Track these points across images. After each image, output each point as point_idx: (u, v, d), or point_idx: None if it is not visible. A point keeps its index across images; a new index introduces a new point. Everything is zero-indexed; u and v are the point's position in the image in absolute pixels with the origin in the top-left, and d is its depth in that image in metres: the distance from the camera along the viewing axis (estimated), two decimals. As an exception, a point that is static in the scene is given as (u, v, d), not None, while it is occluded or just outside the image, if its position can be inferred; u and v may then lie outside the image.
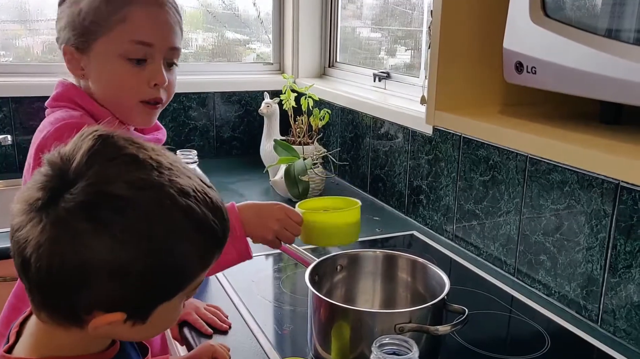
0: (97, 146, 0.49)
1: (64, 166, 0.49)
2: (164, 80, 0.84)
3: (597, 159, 0.66)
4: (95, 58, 0.82)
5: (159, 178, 0.50)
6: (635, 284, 0.90)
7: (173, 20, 0.85)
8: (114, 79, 0.83)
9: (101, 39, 0.81)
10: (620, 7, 0.65)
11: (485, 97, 0.88)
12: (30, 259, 0.48)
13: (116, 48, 0.81)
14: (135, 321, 0.52)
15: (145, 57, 0.82)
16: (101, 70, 0.83)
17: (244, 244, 0.84)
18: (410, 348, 0.62)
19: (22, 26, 1.84)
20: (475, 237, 1.23)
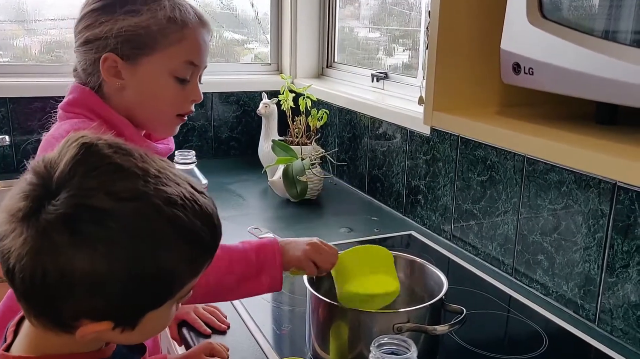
0: (80, 154, 0.49)
1: (48, 174, 0.49)
2: (201, 98, 0.89)
3: (594, 159, 0.67)
4: (143, 72, 0.82)
5: (143, 188, 0.49)
6: (632, 283, 0.90)
7: (209, 40, 0.89)
8: (161, 94, 0.84)
9: (154, 55, 0.82)
10: (617, 9, 0.65)
11: (483, 98, 0.88)
12: (14, 269, 0.48)
13: (167, 66, 0.83)
14: (123, 328, 0.52)
15: (189, 77, 0.85)
16: (147, 84, 0.83)
17: (278, 274, 0.81)
18: (409, 348, 0.62)
19: (20, 26, 1.84)
20: (473, 237, 1.23)
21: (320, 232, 1.37)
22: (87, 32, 0.82)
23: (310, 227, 1.42)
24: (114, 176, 0.49)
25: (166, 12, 0.81)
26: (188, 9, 0.84)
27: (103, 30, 0.81)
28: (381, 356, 0.62)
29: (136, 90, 0.83)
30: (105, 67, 0.81)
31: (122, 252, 0.48)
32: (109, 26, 0.80)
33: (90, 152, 0.49)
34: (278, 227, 1.37)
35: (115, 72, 0.82)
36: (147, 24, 0.80)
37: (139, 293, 0.50)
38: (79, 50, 0.84)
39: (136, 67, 0.82)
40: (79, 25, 0.84)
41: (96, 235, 0.47)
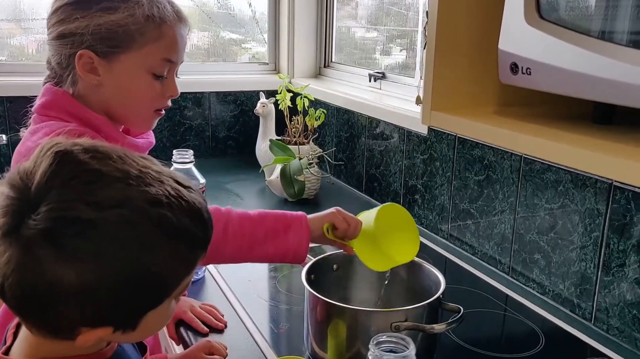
0: (55, 164, 0.47)
1: (25, 186, 0.47)
2: (178, 93, 0.89)
3: (590, 159, 0.67)
4: (120, 69, 0.82)
5: (126, 192, 0.48)
6: (628, 282, 0.91)
7: (186, 36, 0.88)
8: (137, 91, 0.84)
9: (132, 52, 0.81)
10: (614, 10, 0.66)
11: (480, 98, 0.89)
12: (4, 286, 0.48)
13: (146, 63, 0.82)
14: (124, 330, 0.51)
15: (166, 73, 0.85)
16: (124, 81, 0.83)
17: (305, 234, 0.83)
18: (407, 346, 0.63)
19: (17, 25, 1.83)
20: (470, 237, 1.24)
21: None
22: (61, 27, 0.81)
23: (308, 226, 1.42)
24: (93, 184, 0.47)
25: (144, 10, 0.80)
26: (166, 5, 0.83)
27: (78, 26, 0.80)
28: (380, 354, 0.62)
29: (113, 87, 0.83)
30: (80, 63, 0.80)
31: (109, 261, 0.47)
32: (85, 22, 0.79)
33: (65, 161, 0.48)
34: (276, 227, 1.37)
35: (91, 69, 0.81)
36: (124, 21, 0.79)
37: (133, 298, 0.49)
38: (53, 44, 0.83)
39: (113, 64, 0.81)
40: (52, 18, 0.83)
41: (80, 248, 0.46)
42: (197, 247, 0.53)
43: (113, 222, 0.47)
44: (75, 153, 0.48)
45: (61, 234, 0.46)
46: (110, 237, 0.47)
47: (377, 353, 0.62)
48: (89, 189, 0.47)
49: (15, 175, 0.48)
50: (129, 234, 0.47)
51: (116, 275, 0.47)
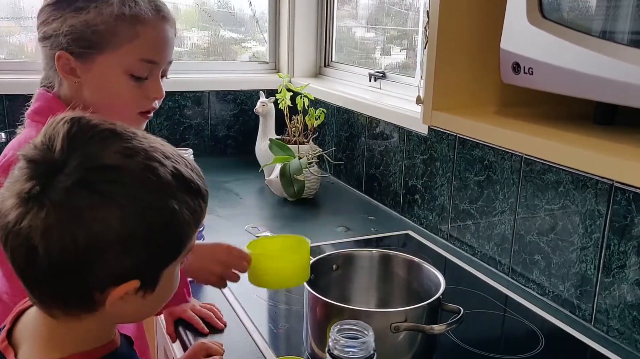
0: (74, 128, 0.51)
1: (47, 154, 0.50)
2: (163, 95, 0.86)
3: (591, 159, 0.67)
4: (97, 71, 0.80)
5: (141, 145, 0.52)
6: (628, 284, 0.90)
7: (172, 34, 0.85)
8: (116, 93, 0.82)
9: (107, 53, 0.79)
10: (615, 9, 0.66)
11: (481, 98, 0.88)
12: (38, 248, 0.48)
13: (122, 64, 0.80)
14: (146, 290, 0.53)
15: (148, 74, 0.83)
16: (102, 83, 0.81)
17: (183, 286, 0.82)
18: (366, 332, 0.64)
19: (16, 23, 1.83)
20: (470, 237, 1.23)
21: (317, 232, 1.37)
22: (44, 28, 0.80)
23: (307, 226, 1.41)
24: (111, 139, 0.51)
25: (113, 9, 0.78)
26: (142, 4, 0.80)
27: (55, 28, 0.79)
28: (343, 341, 0.64)
29: (93, 88, 0.82)
30: (60, 65, 0.80)
31: (142, 204, 0.50)
32: (59, 23, 0.78)
33: (81, 125, 0.51)
34: (275, 226, 1.37)
35: (70, 70, 0.80)
36: (94, 22, 0.78)
37: (159, 244, 0.52)
38: (39, 45, 0.82)
39: (89, 66, 0.80)
40: (38, 18, 0.82)
41: (115, 191, 0.49)
42: (202, 200, 0.55)
43: (138, 168, 0.50)
44: (88, 118, 0.52)
45: (95, 181, 0.49)
46: (139, 182, 0.50)
47: (341, 341, 0.64)
48: (111, 143, 0.51)
49: (30, 149, 0.51)
50: (153, 179, 0.51)
51: (149, 218, 0.50)
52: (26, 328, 0.57)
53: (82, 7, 0.78)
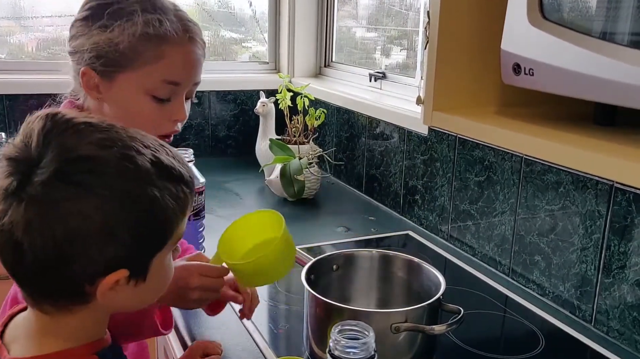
0: (47, 124, 0.51)
1: (23, 150, 0.50)
2: (185, 117, 0.83)
3: (591, 159, 0.67)
4: (117, 89, 0.79)
5: (118, 136, 0.52)
6: (628, 284, 0.90)
7: (201, 55, 0.82)
8: (136, 112, 0.79)
9: (128, 72, 0.77)
10: (615, 10, 0.66)
11: (482, 98, 0.88)
12: (23, 243, 0.48)
13: (144, 84, 0.78)
14: (137, 279, 0.53)
15: (170, 96, 0.80)
16: (122, 101, 0.80)
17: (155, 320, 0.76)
18: (367, 333, 0.64)
19: (16, 23, 1.83)
20: (470, 238, 1.23)
21: (317, 232, 1.37)
22: (72, 42, 0.80)
23: (307, 226, 1.41)
24: (86, 131, 0.51)
25: (137, 29, 0.76)
26: (168, 23, 0.77)
27: (81, 44, 0.78)
28: (344, 341, 0.64)
29: (114, 106, 0.80)
30: (83, 80, 0.79)
31: (120, 194, 0.50)
32: (84, 40, 0.77)
33: (56, 120, 0.52)
34: (275, 227, 1.37)
35: (93, 87, 0.79)
36: (117, 41, 0.76)
37: (143, 232, 0.52)
38: (69, 58, 0.82)
39: (112, 83, 0.78)
40: (69, 32, 0.81)
41: (91, 182, 0.49)
42: (186, 187, 0.56)
43: (115, 158, 0.51)
44: (62, 113, 0.52)
45: (71, 172, 0.49)
46: (115, 171, 0.50)
47: (342, 342, 0.64)
48: (85, 134, 0.51)
49: (9, 148, 0.51)
50: (131, 168, 0.51)
51: (128, 207, 0.50)
52: (17, 327, 0.57)
53: (107, 25, 0.76)
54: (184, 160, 0.57)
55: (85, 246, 0.49)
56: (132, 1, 0.77)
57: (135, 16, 0.76)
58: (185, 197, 0.55)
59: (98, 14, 0.77)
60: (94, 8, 0.78)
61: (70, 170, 0.49)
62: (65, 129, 0.51)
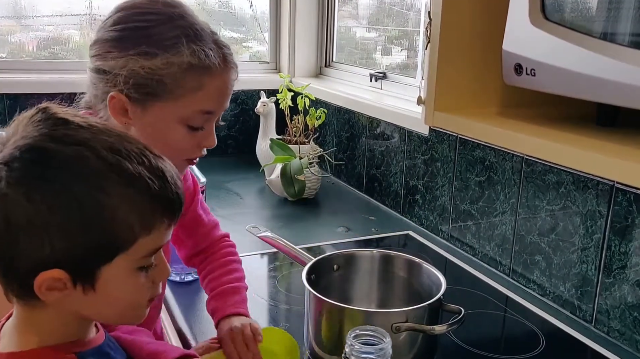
0: (32, 114, 0.51)
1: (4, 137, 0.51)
2: (214, 144, 0.80)
3: (592, 160, 0.67)
4: (150, 117, 0.74)
5: (86, 135, 0.51)
6: (629, 284, 0.91)
7: (234, 81, 0.80)
8: (168, 140, 0.76)
9: (164, 102, 0.73)
10: (616, 11, 0.66)
11: (483, 99, 0.88)
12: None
13: (179, 114, 0.75)
14: (83, 285, 0.51)
15: (204, 124, 0.77)
16: (153, 129, 0.75)
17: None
18: (384, 339, 0.64)
19: (17, 22, 1.83)
20: (471, 238, 1.23)
21: (317, 232, 1.37)
22: (99, 62, 0.74)
23: (308, 226, 1.41)
24: (57, 126, 0.50)
25: (183, 59, 0.72)
26: (211, 53, 0.74)
27: (114, 66, 0.72)
28: (358, 346, 0.63)
29: (142, 132, 0.75)
30: (112, 104, 0.74)
31: (61, 192, 0.48)
32: (120, 63, 0.72)
33: (41, 111, 0.51)
34: (276, 226, 1.37)
35: (121, 111, 0.74)
36: (161, 70, 0.71)
37: (83, 238, 0.49)
38: (92, 75, 0.76)
39: (144, 111, 0.74)
40: (92, 48, 0.76)
41: (34, 174, 0.48)
42: (154, 203, 0.52)
43: (67, 155, 0.49)
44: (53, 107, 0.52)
45: (18, 159, 0.48)
46: (65, 169, 0.49)
47: (356, 347, 0.63)
48: (53, 128, 0.50)
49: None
50: (83, 169, 0.49)
51: (66, 206, 0.48)
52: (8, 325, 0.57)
53: (149, 53, 0.71)
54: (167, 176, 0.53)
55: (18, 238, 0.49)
56: (172, 25, 0.73)
57: (180, 46, 0.72)
58: (151, 215, 0.52)
59: (134, 37, 0.72)
60: (129, 30, 0.73)
61: (18, 157, 0.48)
62: (40, 119, 0.50)
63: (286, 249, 1.00)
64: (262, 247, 1.14)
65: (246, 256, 1.15)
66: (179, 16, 0.75)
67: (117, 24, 0.74)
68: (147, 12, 0.74)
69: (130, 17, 0.74)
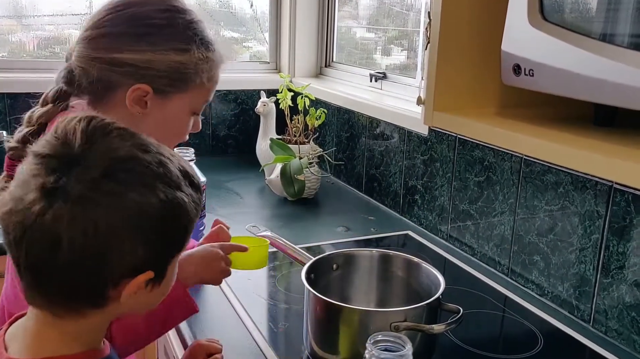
0: (90, 126, 0.53)
1: (64, 148, 0.52)
2: (200, 129, 0.90)
3: (591, 160, 0.67)
4: (170, 106, 0.81)
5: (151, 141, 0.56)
6: (627, 284, 0.91)
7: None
8: (177, 128, 0.85)
9: (185, 93, 0.81)
10: (615, 12, 0.66)
11: (482, 99, 0.89)
12: (62, 240, 0.49)
13: (193, 104, 0.83)
14: (155, 282, 0.55)
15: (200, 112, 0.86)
16: (169, 119, 0.82)
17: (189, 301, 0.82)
18: (404, 345, 0.63)
19: (17, 22, 1.83)
20: (470, 238, 1.24)
21: (317, 231, 1.37)
22: (119, 54, 0.77)
23: (307, 226, 1.42)
24: (126, 136, 0.55)
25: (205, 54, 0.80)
26: (218, 44, 0.83)
27: (143, 60, 0.77)
28: (377, 352, 0.62)
29: (155, 121, 0.81)
30: (133, 96, 0.78)
31: (156, 195, 0.53)
32: (152, 57, 0.77)
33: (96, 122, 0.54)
34: (275, 226, 1.37)
35: (140, 102, 0.79)
36: (188, 65, 0.79)
37: (170, 236, 0.55)
38: (98, 66, 0.77)
39: (164, 102, 0.80)
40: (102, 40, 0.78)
41: (134, 181, 0.52)
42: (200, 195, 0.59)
43: (153, 161, 0.54)
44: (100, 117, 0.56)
45: (115, 170, 0.52)
46: (155, 174, 0.54)
47: (374, 352, 0.62)
48: (126, 138, 0.55)
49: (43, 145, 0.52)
50: (165, 173, 0.55)
51: (163, 209, 0.53)
52: (17, 328, 0.57)
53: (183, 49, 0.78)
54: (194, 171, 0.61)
55: (119, 243, 0.51)
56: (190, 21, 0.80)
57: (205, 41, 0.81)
58: (199, 204, 0.59)
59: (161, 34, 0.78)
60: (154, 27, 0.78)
61: (116, 169, 0.52)
62: (109, 131, 0.54)
63: (286, 248, 1.00)
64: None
65: (246, 256, 1.15)
66: (190, 12, 0.82)
67: (135, 20, 0.78)
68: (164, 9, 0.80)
69: (148, 13, 0.78)
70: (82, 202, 0.50)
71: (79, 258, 0.50)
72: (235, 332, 0.93)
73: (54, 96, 0.82)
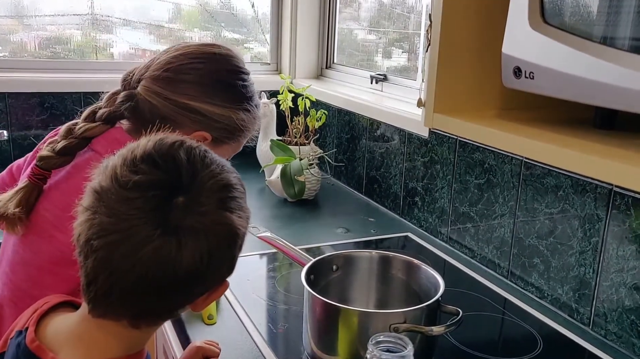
0: (191, 155, 0.56)
1: (167, 177, 0.54)
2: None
3: (591, 163, 0.67)
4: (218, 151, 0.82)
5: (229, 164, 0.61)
6: (627, 288, 0.91)
7: None
8: None
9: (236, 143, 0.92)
10: (616, 15, 0.66)
11: (483, 101, 0.89)
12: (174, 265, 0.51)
13: (235, 150, 0.94)
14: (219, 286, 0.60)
15: None
16: None
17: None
18: (406, 346, 0.63)
19: (18, 21, 1.83)
20: (470, 240, 1.24)
21: (317, 233, 1.37)
22: (194, 102, 0.84)
23: (307, 227, 1.42)
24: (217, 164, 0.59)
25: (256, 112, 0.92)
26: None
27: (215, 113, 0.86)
28: (378, 353, 0.62)
29: None
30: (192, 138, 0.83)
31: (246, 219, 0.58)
32: (220, 111, 0.86)
33: (196, 151, 0.58)
34: (275, 227, 1.37)
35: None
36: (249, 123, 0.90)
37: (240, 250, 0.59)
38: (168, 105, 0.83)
39: (216, 147, 0.87)
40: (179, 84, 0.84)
41: (236, 206, 0.57)
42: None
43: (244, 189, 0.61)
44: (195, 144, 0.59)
45: (228, 198, 0.56)
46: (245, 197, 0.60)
47: (375, 353, 0.62)
48: (225, 168, 0.59)
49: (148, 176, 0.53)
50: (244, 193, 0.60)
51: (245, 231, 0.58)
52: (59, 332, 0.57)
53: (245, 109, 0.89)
54: None
55: (220, 265, 0.56)
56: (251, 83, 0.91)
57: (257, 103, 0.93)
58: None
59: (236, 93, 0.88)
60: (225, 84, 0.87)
61: (227, 197, 0.56)
62: (210, 162, 0.57)
63: (286, 249, 1.00)
64: (261, 247, 1.14)
65: (246, 256, 1.16)
66: (249, 73, 0.93)
67: (214, 75, 0.87)
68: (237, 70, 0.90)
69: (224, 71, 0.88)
70: (194, 233, 0.52)
71: (182, 283, 0.53)
72: (234, 333, 0.93)
73: (108, 117, 0.84)
